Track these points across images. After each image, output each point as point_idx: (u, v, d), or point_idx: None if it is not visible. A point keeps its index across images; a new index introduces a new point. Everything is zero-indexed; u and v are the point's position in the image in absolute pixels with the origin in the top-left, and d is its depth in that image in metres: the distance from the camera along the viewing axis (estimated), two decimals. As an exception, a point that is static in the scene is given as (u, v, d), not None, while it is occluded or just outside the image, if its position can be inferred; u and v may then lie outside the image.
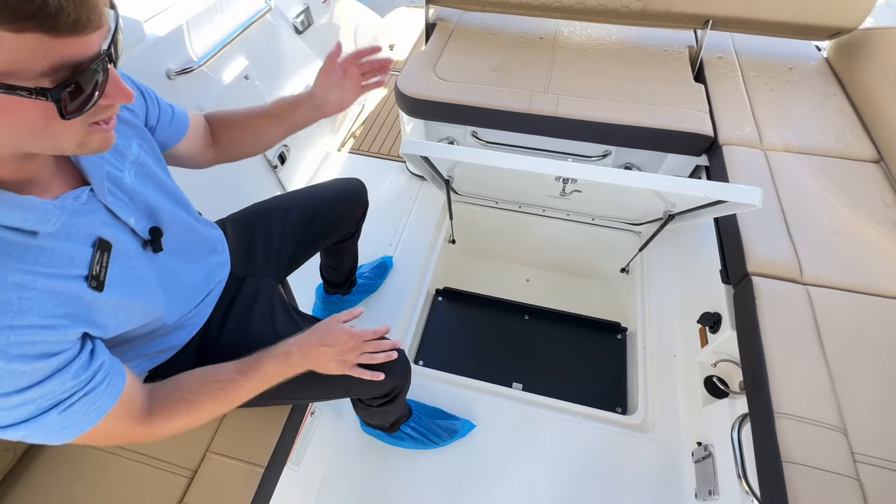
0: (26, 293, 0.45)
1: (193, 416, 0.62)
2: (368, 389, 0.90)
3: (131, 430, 0.58)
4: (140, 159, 0.65)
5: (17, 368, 0.43)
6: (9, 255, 0.44)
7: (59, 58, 0.36)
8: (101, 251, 0.54)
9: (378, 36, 2.57)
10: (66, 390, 0.48)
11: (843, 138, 1.38)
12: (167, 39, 1.24)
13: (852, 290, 1.05)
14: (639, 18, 1.66)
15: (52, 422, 0.48)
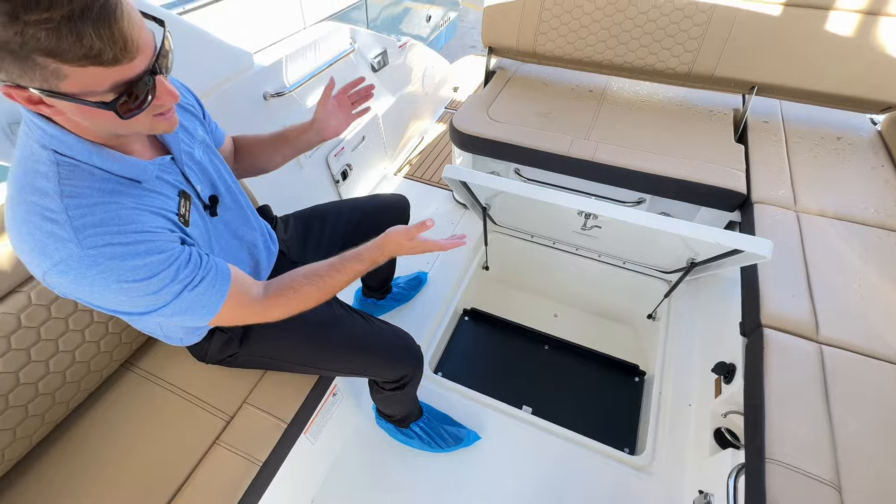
0: (140, 214, 0.62)
1: (298, 301, 0.78)
2: (383, 373, 1.02)
3: (251, 310, 0.74)
4: (205, 140, 0.83)
5: (142, 259, 0.59)
6: (124, 193, 0.61)
7: (114, 80, 0.49)
8: (185, 199, 0.72)
9: (445, 79, 2.84)
10: (187, 275, 0.63)
11: (885, 208, 1.38)
12: (269, 69, 1.52)
13: (873, 357, 1.04)
14: (685, 80, 1.77)
15: (191, 301, 0.65)
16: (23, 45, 0.43)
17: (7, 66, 0.45)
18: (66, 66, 0.46)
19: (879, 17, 1.47)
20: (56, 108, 0.52)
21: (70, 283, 0.57)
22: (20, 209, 0.56)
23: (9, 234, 0.59)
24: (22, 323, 0.85)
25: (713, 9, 1.60)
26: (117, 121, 0.53)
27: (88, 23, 0.44)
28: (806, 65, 1.59)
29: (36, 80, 0.47)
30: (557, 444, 1.39)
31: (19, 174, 0.57)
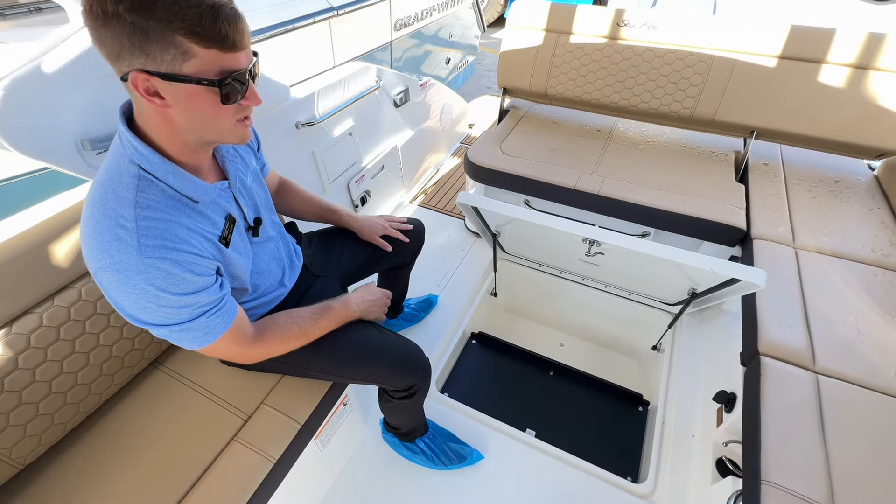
0: (192, 234, 0.72)
1: (283, 343, 0.89)
2: (393, 381, 1.08)
3: (241, 348, 0.83)
4: (256, 170, 0.96)
5: (185, 276, 0.69)
6: (184, 211, 0.72)
7: (224, 66, 0.62)
8: (230, 222, 0.82)
9: (461, 116, 3.01)
10: (209, 302, 0.73)
11: (881, 248, 1.43)
12: (302, 101, 1.67)
13: (868, 388, 1.07)
14: (687, 123, 1.88)
15: (199, 326, 0.73)
16: (170, 23, 0.56)
17: (144, 48, 0.57)
18: (196, 46, 0.58)
19: (869, 70, 1.58)
20: (166, 101, 0.62)
21: (117, 282, 0.66)
22: (98, 210, 0.66)
23: (81, 227, 0.68)
24: (71, 316, 0.94)
25: (712, 59, 1.73)
26: (213, 111, 0.65)
27: (222, 13, 0.58)
28: (802, 112, 1.69)
29: (164, 63, 0.58)
30: (560, 468, 1.41)
31: (105, 180, 0.68)
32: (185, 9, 0.56)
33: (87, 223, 0.67)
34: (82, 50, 0.94)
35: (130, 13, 0.55)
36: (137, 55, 0.58)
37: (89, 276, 0.98)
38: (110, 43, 0.58)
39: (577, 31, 1.91)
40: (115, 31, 0.57)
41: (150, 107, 0.64)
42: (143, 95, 0.61)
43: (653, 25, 1.81)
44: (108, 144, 1.03)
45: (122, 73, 0.61)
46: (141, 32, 0.56)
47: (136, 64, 0.59)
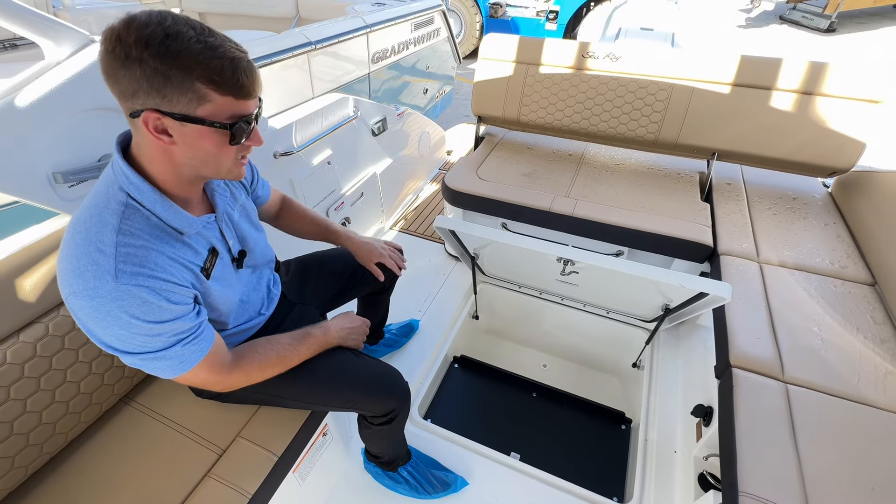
0: (172, 263, 0.73)
1: (262, 370, 0.88)
2: (371, 406, 1.07)
3: (217, 376, 0.81)
4: (244, 206, 0.97)
5: (160, 304, 0.69)
6: (167, 241, 0.73)
7: (234, 111, 0.66)
8: (213, 255, 0.83)
9: (439, 143, 3.09)
10: (185, 330, 0.73)
11: (839, 261, 1.50)
12: (280, 131, 1.70)
13: (834, 395, 1.11)
14: (653, 147, 1.97)
15: (174, 355, 0.72)
16: (192, 71, 0.60)
17: (162, 91, 0.60)
18: (213, 93, 0.63)
19: (815, 96, 1.70)
20: (173, 139, 0.66)
21: (90, 308, 0.65)
22: (79, 234, 0.66)
23: (60, 250, 0.68)
24: (37, 352, 0.92)
25: (672, 87, 1.84)
26: (218, 151, 0.68)
27: (241, 66, 0.64)
28: (758, 135, 1.80)
29: (179, 105, 0.62)
30: (546, 491, 1.39)
31: (91, 205, 0.69)
32: (209, 59, 0.60)
33: (66, 246, 0.67)
34: (56, 85, 0.95)
35: (154, 59, 0.58)
36: (154, 96, 0.61)
37: (57, 311, 0.96)
38: (127, 83, 0.61)
39: (545, 63, 2.01)
40: (134, 74, 0.59)
41: (156, 143, 0.66)
42: (153, 133, 0.64)
43: (616, 56, 1.92)
44: (82, 177, 1.04)
45: (132, 111, 0.63)
46: (161, 77, 0.59)
47: (150, 104, 0.62)
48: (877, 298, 1.37)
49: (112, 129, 1.10)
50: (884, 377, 1.14)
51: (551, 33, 5.81)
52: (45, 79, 0.95)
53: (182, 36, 0.59)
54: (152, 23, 0.59)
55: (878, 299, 1.37)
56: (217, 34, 0.63)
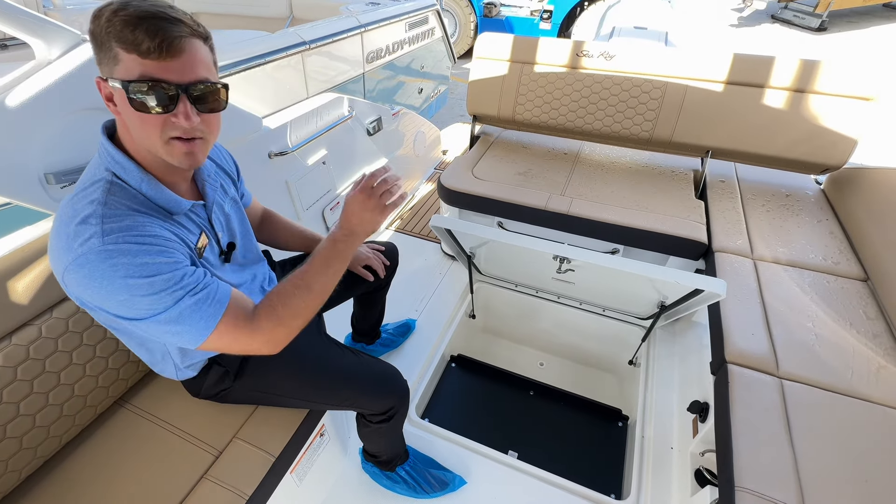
0: (163, 230, 0.70)
1: (289, 309, 0.76)
2: (371, 404, 1.07)
3: (251, 332, 0.73)
4: (236, 198, 0.96)
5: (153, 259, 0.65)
6: (155, 218, 0.70)
7: (143, 71, 0.61)
8: (204, 237, 0.82)
9: (435, 143, 3.09)
10: (191, 282, 0.68)
11: (832, 257, 1.51)
12: (275, 131, 1.69)
13: (828, 390, 1.12)
14: (647, 145, 1.98)
15: (189, 309, 0.67)
16: (108, 32, 0.61)
17: (98, 55, 0.64)
18: (121, 51, 0.61)
19: (807, 94, 1.72)
20: (117, 108, 0.66)
21: (83, 278, 0.63)
22: (65, 212, 0.66)
23: (50, 235, 0.67)
24: (30, 354, 0.91)
25: (666, 85, 1.85)
26: (137, 120, 0.64)
27: (145, 22, 0.60)
28: (751, 133, 1.81)
29: (105, 68, 0.64)
30: (544, 489, 1.39)
31: (78, 189, 0.69)
32: (118, 16, 0.60)
33: (54, 228, 0.66)
34: (47, 85, 0.94)
35: (91, 23, 0.63)
36: (99, 63, 0.65)
37: (50, 313, 0.95)
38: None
39: (540, 62, 2.02)
40: (90, 44, 0.65)
41: (115, 114, 0.68)
42: (105, 100, 0.66)
43: (610, 55, 1.93)
44: (74, 178, 1.03)
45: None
46: (96, 41, 0.63)
47: (98, 71, 0.65)
48: (869, 294, 1.39)
49: (105, 129, 1.09)
50: (876, 371, 1.15)
51: (545, 33, 5.83)
52: (36, 79, 0.94)
53: (122, 3, 0.61)
54: None
55: (871, 295, 1.38)
56: (163, 4, 0.63)
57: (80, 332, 0.99)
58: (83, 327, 0.99)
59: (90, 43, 0.64)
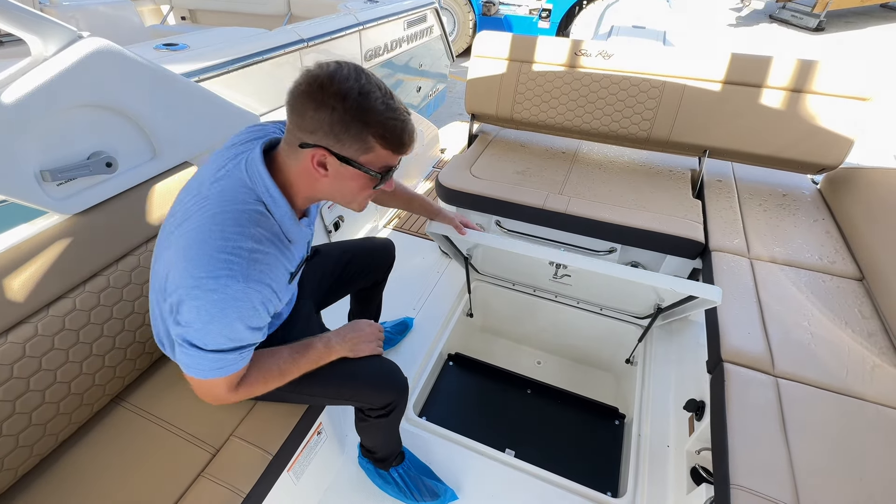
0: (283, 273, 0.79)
1: (263, 386, 0.87)
2: (371, 399, 1.07)
3: (229, 391, 0.82)
4: None
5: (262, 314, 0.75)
6: (282, 249, 0.78)
7: (387, 163, 0.76)
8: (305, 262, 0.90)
9: (433, 141, 3.08)
10: (252, 344, 0.78)
11: (827, 256, 1.52)
12: (272, 129, 1.68)
13: (824, 388, 1.13)
14: (644, 144, 1.98)
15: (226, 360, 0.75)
16: (370, 127, 0.70)
17: (339, 136, 0.70)
18: (379, 147, 0.73)
19: (804, 94, 1.72)
20: (327, 173, 0.75)
21: (209, 302, 0.69)
22: (216, 237, 0.70)
23: (185, 248, 0.71)
24: (26, 352, 0.91)
25: (664, 84, 1.85)
26: (360, 190, 0.79)
27: (408, 129, 0.75)
28: (749, 133, 1.82)
29: (347, 150, 0.72)
30: (540, 487, 1.40)
31: (223, 210, 0.73)
32: (387, 120, 0.71)
33: (199, 245, 0.70)
34: (43, 82, 0.94)
35: (345, 111, 0.68)
36: (330, 138, 0.70)
37: (46, 311, 0.95)
38: (311, 121, 0.70)
39: (538, 60, 2.02)
40: (322, 117, 0.69)
41: (310, 171, 0.75)
42: (313, 164, 0.73)
43: (608, 54, 1.93)
44: (70, 175, 1.02)
45: (303, 142, 0.72)
46: (343, 125, 0.69)
47: (324, 143, 0.71)
48: (864, 293, 1.40)
49: (100, 126, 1.09)
50: (871, 370, 1.16)
51: (544, 31, 5.83)
52: (31, 75, 0.94)
53: (371, 95, 0.69)
54: (351, 78, 0.69)
55: (866, 294, 1.39)
56: (395, 96, 0.74)
57: (77, 329, 0.99)
58: (79, 325, 0.99)
59: (328, 119, 0.69)
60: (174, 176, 1.26)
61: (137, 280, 1.11)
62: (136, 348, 1.11)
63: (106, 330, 1.04)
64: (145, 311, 1.12)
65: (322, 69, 0.70)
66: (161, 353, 1.19)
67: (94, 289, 1.03)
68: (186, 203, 0.78)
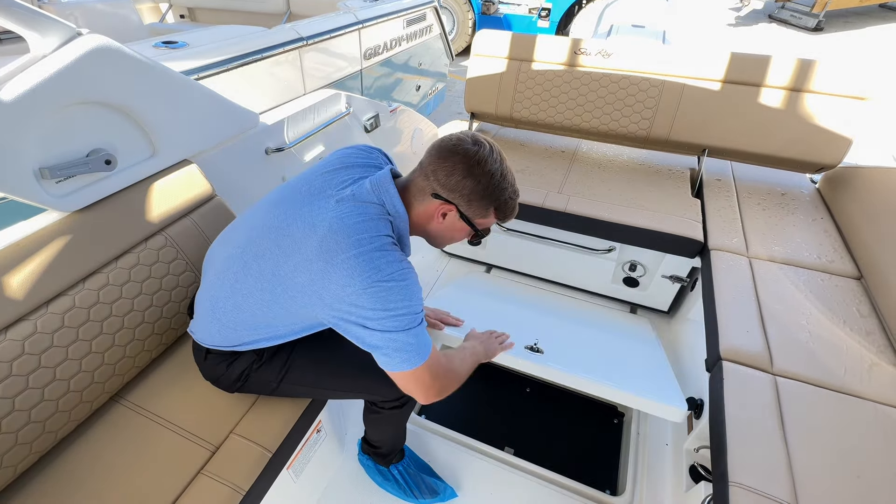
0: None
1: (455, 379, 0.97)
2: (383, 392, 1.07)
3: (437, 380, 0.88)
4: None
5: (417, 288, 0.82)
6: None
7: (489, 225, 0.93)
8: None
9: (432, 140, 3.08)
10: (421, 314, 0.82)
11: (826, 255, 1.53)
12: (272, 127, 1.68)
13: (822, 386, 1.13)
14: (644, 143, 1.98)
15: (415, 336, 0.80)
16: (495, 202, 0.88)
17: (471, 201, 0.86)
18: (493, 216, 0.91)
19: (803, 93, 1.72)
20: (442, 221, 0.90)
21: (385, 289, 0.76)
22: (365, 247, 0.78)
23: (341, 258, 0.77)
24: (25, 349, 0.90)
25: (663, 83, 1.85)
26: (460, 238, 0.96)
27: (516, 208, 0.94)
28: (748, 132, 1.82)
29: (470, 212, 0.88)
30: (539, 485, 1.40)
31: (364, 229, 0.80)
32: (508, 200, 0.89)
33: (360, 258, 0.76)
34: (42, 79, 0.94)
35: (486, 187, 0.84)
36: (462, 200, 0.85)
37: (45, 308, 0.95)
38: (458, 184, 0.84)
39: (538, 59, 2.02)
40: (468, 184, 0.84)
41: (429, 213, 0.89)
42: (435, 211, 0.88)
43: (608, 53, 1.93)
44: (69, 172, 1.02)
45: (436, 193, 0.86)
46: (479, 196, 0.85)
47: (455, 201, 0.86)
48: (863, 292, 1.40)
49: (99, 123, 1.08)
50: (869, 368, 1.16)
51: (543, 30, 5.83)
52: (30, 72, 0.94)
53: (506, 178, 0.87)
54: (497, 161, 0.85)
55: (864, 293, 1.40)
56: (513, 176, 0.90)
57: (76, 327, 0.99)
58: (79, 322, 0.99)
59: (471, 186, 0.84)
60: (173, 174, 1.26)
61: (137, 278, 1.11)
62: (135, 346, 1.11)
63: (105, 327, 1.04)
64: (144, 309, 1.12)
65: (480, 147, 0.84)
66: (160, 351, 1.19)
67: (94, 286, 1.03)
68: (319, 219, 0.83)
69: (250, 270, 0.88)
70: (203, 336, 0.99)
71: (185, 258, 1.21)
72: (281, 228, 0.85)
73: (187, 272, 1.21)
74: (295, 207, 0.87)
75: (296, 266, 0.81)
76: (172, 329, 1.20)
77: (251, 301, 0.89)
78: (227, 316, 0.92)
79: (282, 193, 0.93)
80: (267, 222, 0.88)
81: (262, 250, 0.86)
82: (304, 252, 0.80)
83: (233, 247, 0.93)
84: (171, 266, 1.17)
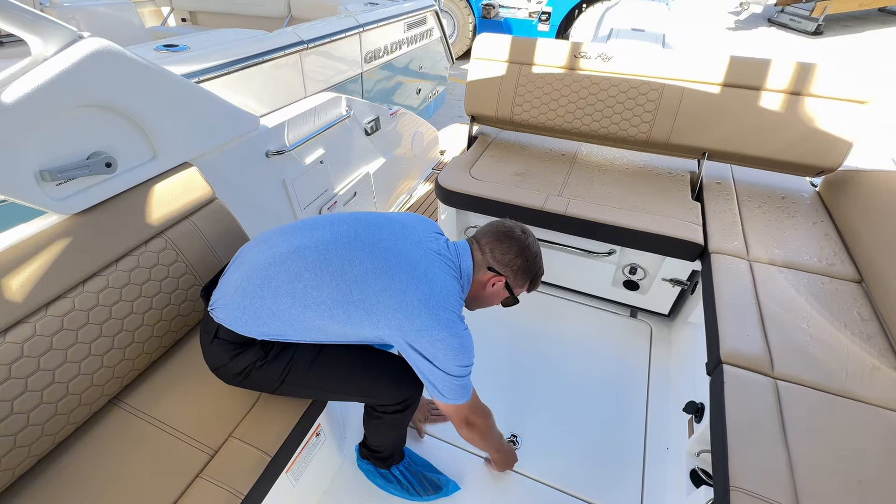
0: None
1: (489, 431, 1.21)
2: (385, 396, 1.08)
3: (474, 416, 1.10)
4: None
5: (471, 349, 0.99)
6: None
7: (520, 292, 1.14)
8: None
9: (432, 143, 3.09)
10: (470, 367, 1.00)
11: (826, 258, 1.52)
12: (272, 130, 1.69)
13: (823, 390, 1.12)
14: (644, 146, 1.98)
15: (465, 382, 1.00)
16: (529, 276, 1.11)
17: (517, 274, 1.08)
18: (526, 287, 1.14)
19: (803, 96, 1.73)
20: (491, 289, 1.09)
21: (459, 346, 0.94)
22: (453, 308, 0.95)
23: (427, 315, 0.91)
24: (24, 353, 0.90)
25: (663, 87, 1.86)
26: (497, 301, 1.14)
27: (540, 281, 1.16)
28: (748, 135, 1.82)
29: (512, 283, 1.09)
30: (540, 488, 1.40)
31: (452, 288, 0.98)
32: (539, 275, 1.14)
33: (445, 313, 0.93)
34: (43, 82, 0.94)
35: (525, 264, 1.08)
36: (510, 273, 1.07)
37: (45, 311, 0.95)
38: (510, 259, 1.07)
39: (538, 62, 2.02)
40: (517, 261, 1.07)
41: (483, 283, 1.08)
42: (489, 281, 1.08)
43: (608, 56, 1.93)
44: (69, 175, 1.02)
45: (491, 266, 1.07)
46: (522, 271, 1.08)
47: (506, 274, 1.07)
48: (863, 295, 1.40)
49: (100, 126, 1.08)
50: (870, 372, 1.16)
51: (544, 34, 5.84)
52: (32, 75, 0.94)
53: (539, 258, 1.12)
54: (534, 245, 1.11)
55: (865, 296, 1.39)
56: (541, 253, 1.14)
57: (75, 330, 0.98)
58: (78, 325, 0.99)
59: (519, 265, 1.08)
60: (174, 176, 1.26)
61: (136, 280, 1.10)
62: (134, 349, 1.11)
63: (104, 330, 1.04)
64: (144, 312, 1.12)
65: (527, 235, 1.10)
66: (159, 354, 1.19)
67: (93, 289, 1.03)
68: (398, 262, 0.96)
69: (330, 265, 0.95)
70: (225, 314, 0.98)
71: (185, 261, 1.21)
72: (376, 247, 0.97)
73: (187, 275, 1.21)
74: (392, 236, 1.00)
75: (384, 288, 0.92)
76: (172, 332, 1.20)
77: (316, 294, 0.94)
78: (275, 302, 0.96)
79: (371, 216, 1.07)
80: (360, 234, 1.00)
81: (353, 256, 0.96)
82: (399, 283, 0.92)
83: (309, 239, 1.00)
84: (170, 269, 1.17)
